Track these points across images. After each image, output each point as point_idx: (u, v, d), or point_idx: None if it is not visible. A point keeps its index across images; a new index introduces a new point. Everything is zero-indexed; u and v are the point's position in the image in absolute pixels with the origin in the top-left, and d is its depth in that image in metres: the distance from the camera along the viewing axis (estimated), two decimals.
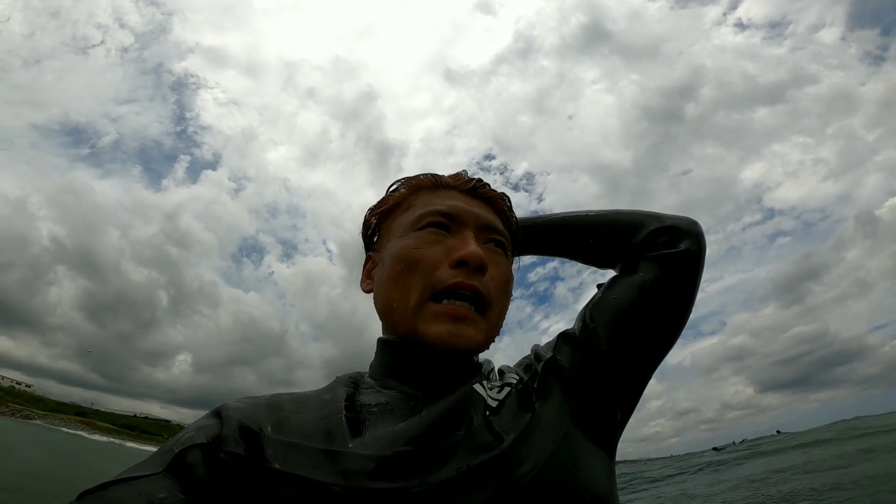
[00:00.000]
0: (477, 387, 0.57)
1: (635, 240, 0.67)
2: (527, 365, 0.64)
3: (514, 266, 0.71)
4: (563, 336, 0.65)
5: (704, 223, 0.70)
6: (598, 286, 0.69)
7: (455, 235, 0.61)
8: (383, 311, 0.63)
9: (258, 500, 0.46)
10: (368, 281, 0.68)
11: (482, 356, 0.65)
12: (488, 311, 0.59)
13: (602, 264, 0.73)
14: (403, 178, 0.70)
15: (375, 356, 0.64)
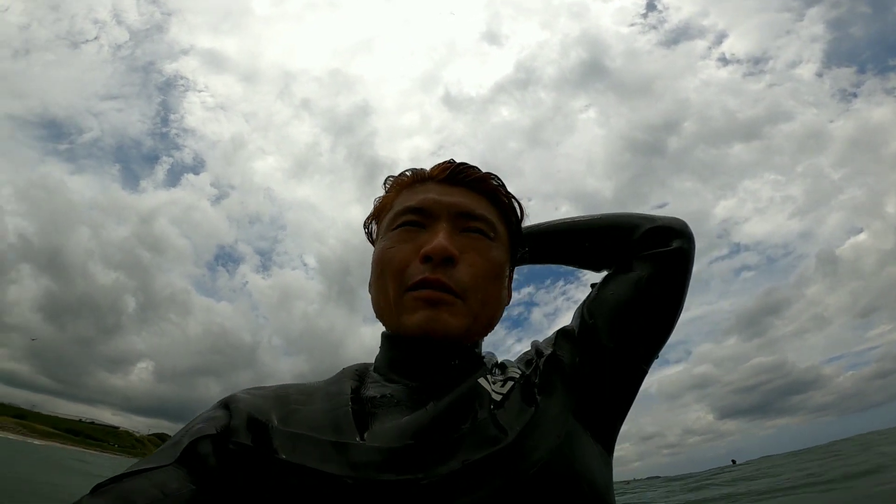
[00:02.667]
0: (481, 381, 0.57)
1: (631, 240, 0.70)
2: (528, 360, 0.65)
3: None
4: (562, 333, 0.67)
5: None
6: (593, 286, 0.72)
7: (429, 229, 0.61)
8: (376, 311, 0.64)
9: (267, 491, 0.47)
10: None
11: (485, 348, 0.66)
12: (467, 299, 0.58)
13: (598, 267, 0.75)
14: (390, 177, 0.71)
15: (380, 350, 0.65)
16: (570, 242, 0.76)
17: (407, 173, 0.69)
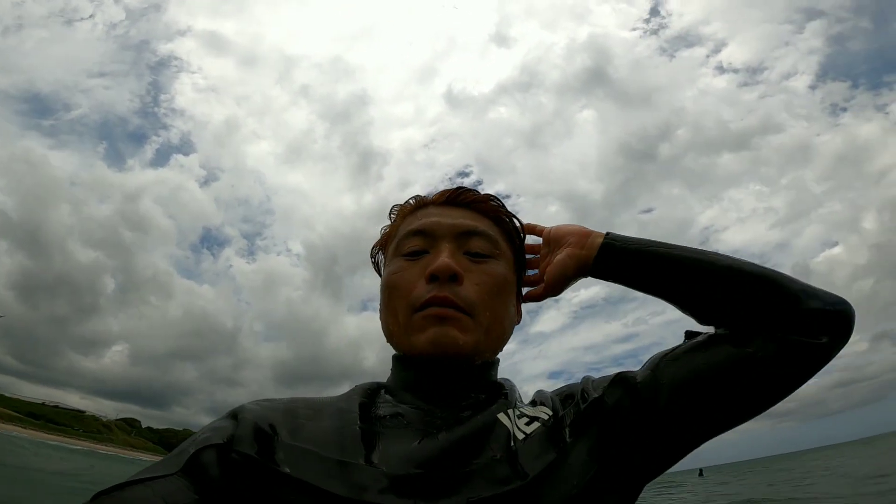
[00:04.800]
0: (501, 416, 0.55)
1: (778, 311, 0.55)
2: (568, 395, 0.61)
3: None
4: (621, 377, 0.60)
5: None
6: (688, 334, 0.61)
7: (432, 251, 0.61)
8: (387, 335, 0.64)
9: (267, 503, 0.46)
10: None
11: (500, 374, 0.64)
12: (476, 315, 0.57)
13: (709, 320, 0.61)
14: (395, 206, 0.70)
15: (391, 373, 0.63)
16: (686, 278, 0.60)
17: (410, 201, 0.69)
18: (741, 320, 0.57)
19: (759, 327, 0.56)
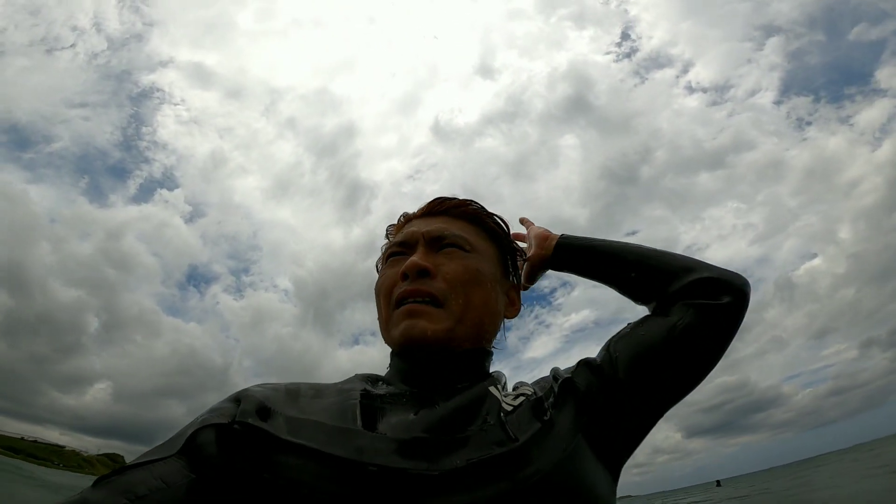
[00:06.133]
0: (492, 389, 0.61)
1: (679, 283, 0.69)
2: (543, 385, 0.65)
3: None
4: (584, 362, 0.67)
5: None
6: (629, 324, 0.72)
7: (410, 256, 0.67)
8: (382, 335, 0.69)
9: (267, 470, 0.47)
10: None
11: (493, 368, 0.70)
12: (447, 304, 0.63)
13: (638, 299, 0.75)
14: (390, 226, 0.80)
15: (390, 366, 0.68)
16: (617, 266, 0.77)
17: (401, 218, 0.79)
18: (658, 296, 0.71)
19: (673, 299, 0.69)
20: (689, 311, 0.66)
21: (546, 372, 0.71)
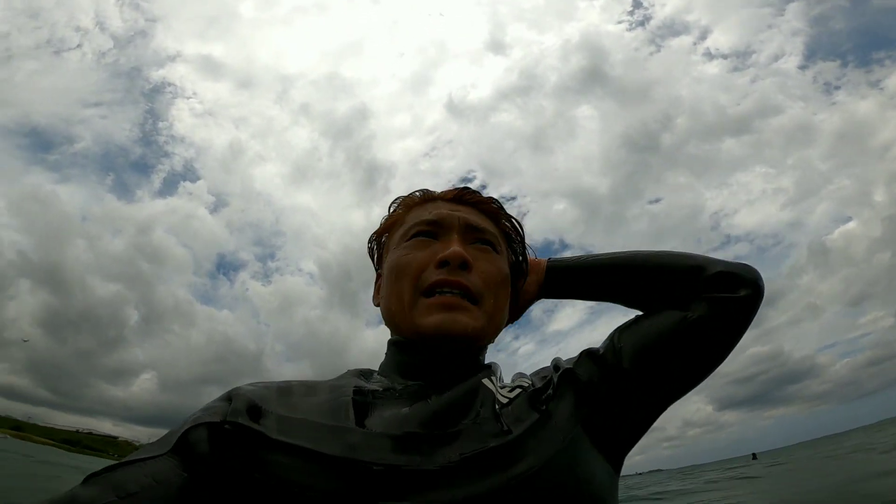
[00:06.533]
0: (486, 381, 0.59)
1: (697, 280, 0.66)
2: (543, 375, 0.64)
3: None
4: (587, 352, 0.66)
5: (673, 248, 0.93)
6: (636, 316, 0.69)
7: (441, 240, 0.65)
8: (387, 317, 0.67)
9: (258, 469, 0.47)
10: (377, 296, 0.72)
11: (489, 358, 0.68)
12: (481, 303, 0.61)
13: (649, 307, 0.69)
14: (399, 198, 0.75)
15: (386, 356, 0.67)
16: (623, 278, 0.71)
17: (417, 194, 0.74)
18: (674, 298, 0.66)
19: (690, 297, 0.65)
20: (705, 305, 0.63)
21: (573, 344, 0.70)
